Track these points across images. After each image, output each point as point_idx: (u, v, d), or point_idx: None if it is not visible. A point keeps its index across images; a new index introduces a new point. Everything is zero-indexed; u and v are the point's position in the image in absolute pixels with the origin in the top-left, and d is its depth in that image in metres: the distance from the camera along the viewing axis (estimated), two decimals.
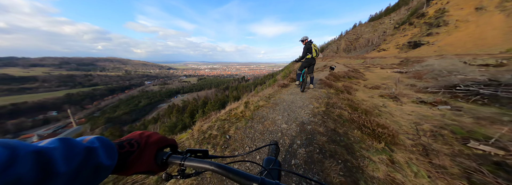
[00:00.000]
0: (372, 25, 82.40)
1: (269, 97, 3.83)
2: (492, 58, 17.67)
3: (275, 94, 4.06)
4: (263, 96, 3.83)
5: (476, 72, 10.18)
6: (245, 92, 64.61)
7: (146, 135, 0.36)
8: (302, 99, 3.56)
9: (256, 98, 3.65)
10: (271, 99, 3.66)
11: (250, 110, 2.95)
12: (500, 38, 30.42)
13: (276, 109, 3.09)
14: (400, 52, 43.67)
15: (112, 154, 0.28)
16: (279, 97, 3.75)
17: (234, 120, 2.64)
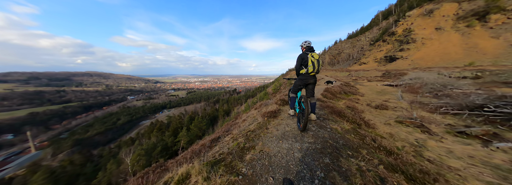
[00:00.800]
0: (351, 42, 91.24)
1: (243, 147, 2.00)
2: (464, 71, 19.05)
3: (256, 138, 2.24)
4: (234, 146, 2.09)
5: (470, 85, 10.09)
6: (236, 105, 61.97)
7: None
8: (306, 157, 1.70)
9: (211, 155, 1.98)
10: (245, 156, 1.79)
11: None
12: (461, 53, 34.55)
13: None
14: (379, 65, 47.14)
15: None
16: (262, 150, 1.88)
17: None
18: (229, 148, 1.97)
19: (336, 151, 1.75)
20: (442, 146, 2.73)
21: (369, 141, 2.10)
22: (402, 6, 73.16)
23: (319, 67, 2.64)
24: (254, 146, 1.92)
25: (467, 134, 3.17)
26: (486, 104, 4.24)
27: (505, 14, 34.71)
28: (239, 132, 2.47)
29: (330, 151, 1.74)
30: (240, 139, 2.14)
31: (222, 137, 2.62)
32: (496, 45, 31.95)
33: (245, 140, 2.08)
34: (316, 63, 2.64)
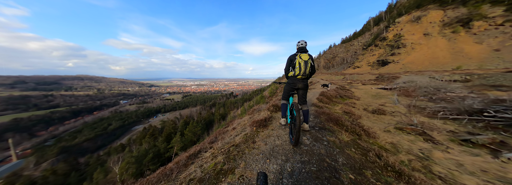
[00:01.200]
0: (344, 46, 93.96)
1: (221, 169, 1.58)
2: (453, 74, 19.66)
3: (238, 156, 1.82)
4: (210, 168, 1.68)
5: (463, 89, 10.21)
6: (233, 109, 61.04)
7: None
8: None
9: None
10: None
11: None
12: (449, 57, 36.05)
13: None
14: (372, 69, 48.35)
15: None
16: (242, 174, 1.48)
17: None
18: (204, 170, 1.59)
19: (335, 174, 1.41)
20: (450, 158, 2.47)
21: (374, 158, 1.79)
22: (391, 12, 76.85)
23: (306, 69, 2.32)
24: (234, 169, 1.55)
25: (472, 142, 2.95)
26: (485, 109, 4.10)
27: (487, 21, 36.93)
28: (221, 146, 2.10)
29: (328, 175, 1.41)
30: (219, 157, 1.77)
31: (202, 151, 2.25)
32: (480, 50, 33.64)
33: (225, 159, 1.72)
34: (303, 65, 2.32)
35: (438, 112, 4.93)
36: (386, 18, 78.51)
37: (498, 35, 34.22)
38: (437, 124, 4.05)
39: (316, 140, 2.19)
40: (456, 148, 2.80)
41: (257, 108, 6.27)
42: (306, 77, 2.37)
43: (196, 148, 2.48)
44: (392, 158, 1.90)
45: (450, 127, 3.87)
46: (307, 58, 2.34)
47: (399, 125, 3.89)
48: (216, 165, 1.65)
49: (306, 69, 2.32)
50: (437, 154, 2.57)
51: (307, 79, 2.41)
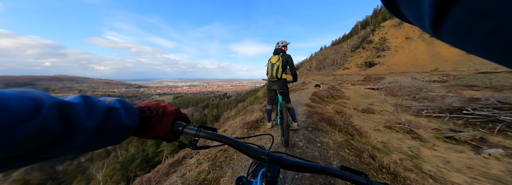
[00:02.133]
0: (334, 48, 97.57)
1: (205, 179, 1.41)
2: (432, 75, 21.21)
3: (225, 163, 1.66)
4: (192, 178, 1.47)
5: (441, 88, 10.96)
6: (226, 110, 60.21)
7: (162, 105, 0.39)
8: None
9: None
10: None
11: None
12: (428, 60, 38.97)
13: None
14: (360, 70, 50.67)
15: (132, 116, 0.30)
16: (229, 184, 1.34)
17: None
18: (185, 181, 1.40)
19: (330, 180, 1.32)
20: (437, 155, 2.53)
21: (368, 159, 1.74)
22: (377, 17, 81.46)
23: (273, 72, 2.30)
24: (219, 179, 1.39)
25: (455, 139, 3.08)
26: (464, 107, 4.36)
27: None
28: (208, 151, 1.93)
29: (322, 181, 1.30)
30: (204, 164, 1.59)
31: (188, 157, 2.05)
32: (454, 53, 36.84)
33: (210, 166, 1.55)
34: (270, 67, 2.34)
35: (422, 110, 5.17)
36: (372, 22, 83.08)
37: None
38: (422, 122, 4.22)
39: (310, 141, 2.11)
40: (442, 145, 2.89)
41: (250, 109, 6.13)
42: (277, 79, 2.35)
43: (180, 154, 2.26)
44: (386, 159, 1.88)
45: (434, 124, 4.05)
46: (275, 60, 2.33)
47: (388, 124, 3.99)
48: (200, 175, 1.46)
49: (273, 71, 2.32)
50: (425, 151, 2.62)
51: (279, 81, 2.38)
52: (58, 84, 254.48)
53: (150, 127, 0.34)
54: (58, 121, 0.20)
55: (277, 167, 0.37)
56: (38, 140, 0.18)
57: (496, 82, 13.53)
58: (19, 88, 0.17)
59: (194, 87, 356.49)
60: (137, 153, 27.99)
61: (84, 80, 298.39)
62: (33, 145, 0.18)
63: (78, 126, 0.22)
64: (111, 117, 0.26)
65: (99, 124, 0.24)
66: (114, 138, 0.27)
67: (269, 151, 0.40)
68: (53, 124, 0.19)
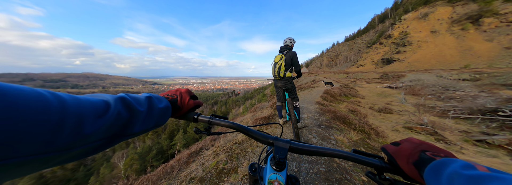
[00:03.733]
0: (348, 44, 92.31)
1: (223, 168, 1.48)
2: (462, 73, 19.06)
3: (241, 155, 1.72)
4: (211, 166, 1.56)
5: (472, 87, 9.87)
6: (234, 107, 61.30)
7: (176, 89, 0.50)
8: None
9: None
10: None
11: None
12: (457, 55, 34.99)
13: None
14: (376, 67, 47.43)
15: (163, 101, 0.40)
16: (246, 174, 1.38)
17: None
18: (205, 169, 1.52)
19: (346, 175, 1.32)
20: (466, 159, 2.33)
21: None
22: (397, 9, 74.74)
23: (275, 70, 2.36)
24: (237, 168, 1.48)
25: (488, 143, 2.80)
26: (500, 108, 3.90)
27: (498, 18, 35.50)
28: (224, 143, 2.03)
29: (339, 176, 1.30)
30: (221, 155, 1.70)
31: (204, 148, 2.18)
32: (490, 48, 32.52)
33: (227, 157, 1.66)
34: (272, 66, 2.44)
35: (448, 111, 4.73)
36: (392, 15, 76.51)
37: (510, 32, 32.93)
38: (448, 123, 3.88)
39: (323, 138, 2.09)
40: (471, 149, 2.66)
41: (259, 106, 6.18)
42: (280, 77, 2.39)
43: (198, 146, 2.41)
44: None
45: (462, 127, 3.70)
46: (278, 59, 2.36)
47: (408, 124, 3.74)
48: (218, 164, 1.57)
49: (275, 70, 2.38)
50: None
51: (282, 79, 2.40)
52: (85, 80, 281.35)
53: (180, 105, 0.45)
54: (124, 109, 0.29)
55: (284, 149, 0.38)
56: (119, 122, 0.27)
57: None
58: (54, 84, 0.28)
59: (204, 84, 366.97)
60: (153, 145, 30.07)
61: (107, 77, 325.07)
62: (118, 126, 0.27)
63: (136, 111, 0.31)
64: (152, 103, 0.36)
65: (148, 109, 0.34)
66: (160, 119, 0.37)
67: (276, 136, 0.42)
68: (122, 111, 0.28)
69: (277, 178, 0.37)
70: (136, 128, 0.31)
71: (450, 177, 0.22)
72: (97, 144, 0.25)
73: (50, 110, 0.18)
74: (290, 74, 2.38)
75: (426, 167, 0.27)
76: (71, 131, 0.20)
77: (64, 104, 0.20)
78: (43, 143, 0.17)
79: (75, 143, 0.21)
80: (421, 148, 0.32)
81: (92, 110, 0.23)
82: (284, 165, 0.38)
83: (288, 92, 2.42)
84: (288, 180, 0.40)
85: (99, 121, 0.24)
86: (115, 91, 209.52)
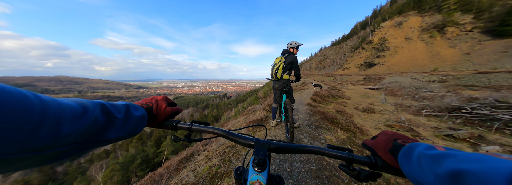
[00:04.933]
0: (334, 49, 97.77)
1: (216, 173, 1.49)
2: (431, 75, 21.32)
3: (235, 158, 1.74)
4: (204, 171, 1.55)
5: (441, 88, 11.06)
6: (226, 110, 60.18)
7: (152, 97, 0.49)
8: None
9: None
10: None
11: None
12: (427, 60, 39.10)
13: None
14: (360, 70, 50.79)
15: (139, 109, 0.40)
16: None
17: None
18: (197, 174, 1.49)
19: (334, 172, 1.41)
20: None
21: None
22: (376, 18, 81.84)
23: (272, 72, 2.45)
24: (230, 172, 1.47)
25: (454, 137, 3.17)
26: (463, 106, 4.45)
27: (458, 28, 40.80)
28: (216, 147, 2.01)
29: (328, 173, 1.39)
30: (214, 159, 1.68)
31: (196, 154, 2.13)
32: (453, 53, 37.01)
33: (220, 161, 1.64)
34: (271, 68, 2.52)
35: (422, 109, 5.25)
36: (372, 23, 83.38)
37: (468, 40, 37.94)
38: (421, 121, 4.30)
39: (314, 138, 2.19)
40: (441, 143, 2.98)
41: (252, 109, 6.20)
42: (277, 79, 2.46)
43: (188, 151, 2.34)
44: None
45: (433, 123, 4.13)
46: (277, 61, 2.45)
47: (388, 123, 4.07)
48: (211, 169, 1.55)
49: (273, 71, 2.48)
50: None
51: (279, 80, 2.47)
52: (58, 85, 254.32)
53: (156, 113, 0.44)
54: (102, 114, 0.29)
55: (264, 150, 0.39)
56: (95, 127, 0.27)
57: (495, 82, 13.63)
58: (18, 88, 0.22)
59: (194, 87, 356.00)
60: (137, 154, 27.96)
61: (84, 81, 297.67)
62: (93, 131, 0.27)
63: (114, 117, 0.31)
64: (129, 111, 0.36)
65: (125, 116, 0.34)
66: (135, 127, 0.37)
67: (257, 138, 0.43)
68: (100, 116, 0.28)
69: (258, 179, 0.37)
70: (111, 134, 0.31)
71: (417, 157, 0.26)
72: (70, 148, 0.24)
73: (32, 112, 0.18)
74: (287, 77, 2.45)
75: (399, 152, 0.32)
76: (47, 133, 0.20)
77: (46, 106, 0.20)
78: (17, 143, 0.17)
79: (49, 144, 0.21)
80: (393, 137, 0.37)
81: (70, 112, 0.23)
82: (265, 166, 0.38)
83: (285, 94, 2.48)
84: (271, 180, 0.41)
85: (76, 124, 0.24)
86: (94, 96, 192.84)
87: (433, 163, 0.23)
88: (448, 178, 0.20)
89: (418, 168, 0.26)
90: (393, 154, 0.34)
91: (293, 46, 2.46)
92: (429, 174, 0.23)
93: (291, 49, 2.46)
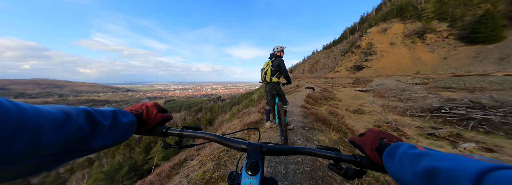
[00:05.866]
0: (325, 53, 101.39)
1: (211, 177, 1.46)
2: (414, 78, 22.81)
3: (229, 161, 1.72)
4: (197, 177, 1.49)
5: (423, 90, 11.82)
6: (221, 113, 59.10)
7: (141, 103, 0.47)
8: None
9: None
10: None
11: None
12: (410, 64, 41.85)
13: None
14: (350, 73, 52.98)
15: (128, 115, 0.38)
16: None
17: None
18: (191, 180, 1.44)
19: (328, 173, 1.45)
20: None
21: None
22: (363, 24, 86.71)
23: (261, 76, 2.53)
24: (225, 176, 1.45)
25: (436, 136, 3.39)
26: (442, 107, 4.79)
27: (436, 34, 44.42)
28: (210, 152, 1.97)
29: (322, 174, 1.43)
30: (208, 164, 1.65)
31: (189, 159, 2.08)
32: (432, 58, 40.03)
33: (214, 165, 1.61)
34: (261, 71, 2.59)
35: (406, 110, 5.57)
36: (360, 29, 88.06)
37: (445, 46, 41.33)
38: (407, 121, 4.56)
39: (307, 140, 2.24)
40: (424, 142, 3.17)
41: (247, 111, 6.19)
42: (267, 82, 2.56)
43: (181, 157, 2.27)
44: None
45: (417, 123, 4.40)
46: (265, 65, 2.55)
47: (377, 123, 4.26)
48: (205, 174, 1.51)
49: (262, 76, 2.58)
50: None
51: (269, 83, 2.56)
52: (35, 88, 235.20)
53: (146, 119, 0.43)
54: (86, 122, 0.28)
55: (256, 153, 0.39)
56: (78, 135, 0.25)
57: (469, 84, 14.88)
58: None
59: (187, 90, 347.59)
60: (124, 161, 26.33)
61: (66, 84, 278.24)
62: (76, 139, 0.25)
63: (100, 124, 0.30)
64: (117, 117, 0.35)
65: (111, 123, 0.33)
66: (123, 134, 0.35)
67: (249, 141, 0.43)
68: (84, 124, 0.27)
69: (251, 183, 0.37)
70: (95, 143, 0.29)
71: (400, 156, 0.29)
72: (50, 158, 0.23)
73: (8, 120, 0.17)
74: (276, 79, 2.53)
75: (384, 151, 0.34)
76: (25, 142, 0.19)
77: (23, 114, 0.19)
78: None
79: (27, 155, 0.19)
80: (380, 136, 0.39)
81: (51, 120, 0.22)
82: (258, 169, 0.38)
83: (277, 96, 2.55)
84: (264, 182, 0.41)
85: (57, 132, 0.22)
86: (77, 100, 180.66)
87: (413, 161, 0.25)
88: (424, 174, 0.22)
89: (399, 166, 0.28)
90: (379, 152, 0.36)
91: (279, 49, 2.56)
92: (408, 171, 0.25)
93: (278, 52, 2.55)
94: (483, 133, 3.54)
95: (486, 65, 29.39)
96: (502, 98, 4.48)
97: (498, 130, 3.48)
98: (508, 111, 3.82)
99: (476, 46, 35.57)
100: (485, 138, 3.28)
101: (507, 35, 32.88)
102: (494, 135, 3.40)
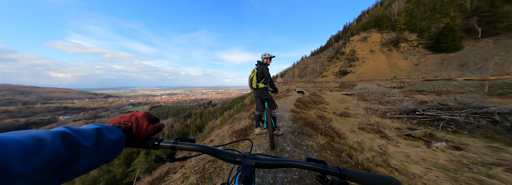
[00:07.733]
0: (313, 58, 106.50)
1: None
2: (392, 82, 24.90)
3: (215, 174, 1.62)
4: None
5: (400, 93, 12.88)
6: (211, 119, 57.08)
7: (131, 114, 0.43)
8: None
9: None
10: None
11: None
12: (388, 69, 45.82)
13: None
14: (336, 78, 56.03)
15: (115, 131, 0.35)
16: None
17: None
18: None
19: (315, 181, 1.47)
20: (400, 151, 2.97)
21: (346, 158, 1.97)
22: (346, 32, 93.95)
23: (248, 82, 2.62)
24: None
25: (412, 136, 3.67)
26: (416, 109, 5.25)
27: (408, 43, 49.72)
28: (195, 163, 1.85)
29: (309, 182, 1.43)
30: (192, 177, 1.52)
31: (171, 172, 1.93)
32: (406, 64, 44.44)
33: (198, 179, 1.50)
34: (248, 78, 2.67)
35: (386, 112, 5.99)
36: (343, 37, 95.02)
37: (416, 53, 46.29)
38: (387, 122, 4.89)
39: (296, 145, 2.26)
40: (403, 142, 3.41)
41: (237, 117, 6.10)
42: (253, 88, 2.64)
43: (162, 170, 2.11)
44: (360, 157, 2.15)
45: (396, 124, 4.74)
46: (251, 72, 2.64)
47: (361, 126, 4.49)
48: None
49: (248, 82, 2.67)
50: (391, 148, 3.04)
51: (256, 89, 2.63)
52: None
53: (136, 133, 0.39)
54: (64, 145, 0.24)
55: (250, 166, 0.39)
56: (56, 161, 0.22)
57: (437, 88, 16.64)
58: None
59: (175, 95, 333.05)
60: (100, 176, 23.65)
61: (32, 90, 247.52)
62: (54, 166, 0.22)
63: (81, 146, 0.27)
64: (101, 135, 0.31)
65: (95, 143, 0.30)
66: (110, 153, 0.32)
67: (244, 154, 0.43)
68: (61, 148, 0.24)
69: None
70: (78, 166, 0.26)
71: None
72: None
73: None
74: (263, 85, 2.58)
75: None
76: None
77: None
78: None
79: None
80: None
81: (19, 149, 0.19)
82: (251, 181, 0.39)
83: (266, 101, 2.58)
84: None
85: (29, 161, 0.19)
86: (45, 108, 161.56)
87: None
88: None
89: None
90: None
91: (267, 57, 2.62)
92: None
93: (265, 60, 2.62)
94: (451, 132, 3.92)
95: (450, 71, 33.42)
96: (464, 100, 5.08)
97: (463, 129, 3.89)
98: (470, 112, 4.33)
99: (441, 54, 40.48)
100: (453, 137, 3.63)
101: (465, 45, 38.12)
102: (460, 134, 3.79)
